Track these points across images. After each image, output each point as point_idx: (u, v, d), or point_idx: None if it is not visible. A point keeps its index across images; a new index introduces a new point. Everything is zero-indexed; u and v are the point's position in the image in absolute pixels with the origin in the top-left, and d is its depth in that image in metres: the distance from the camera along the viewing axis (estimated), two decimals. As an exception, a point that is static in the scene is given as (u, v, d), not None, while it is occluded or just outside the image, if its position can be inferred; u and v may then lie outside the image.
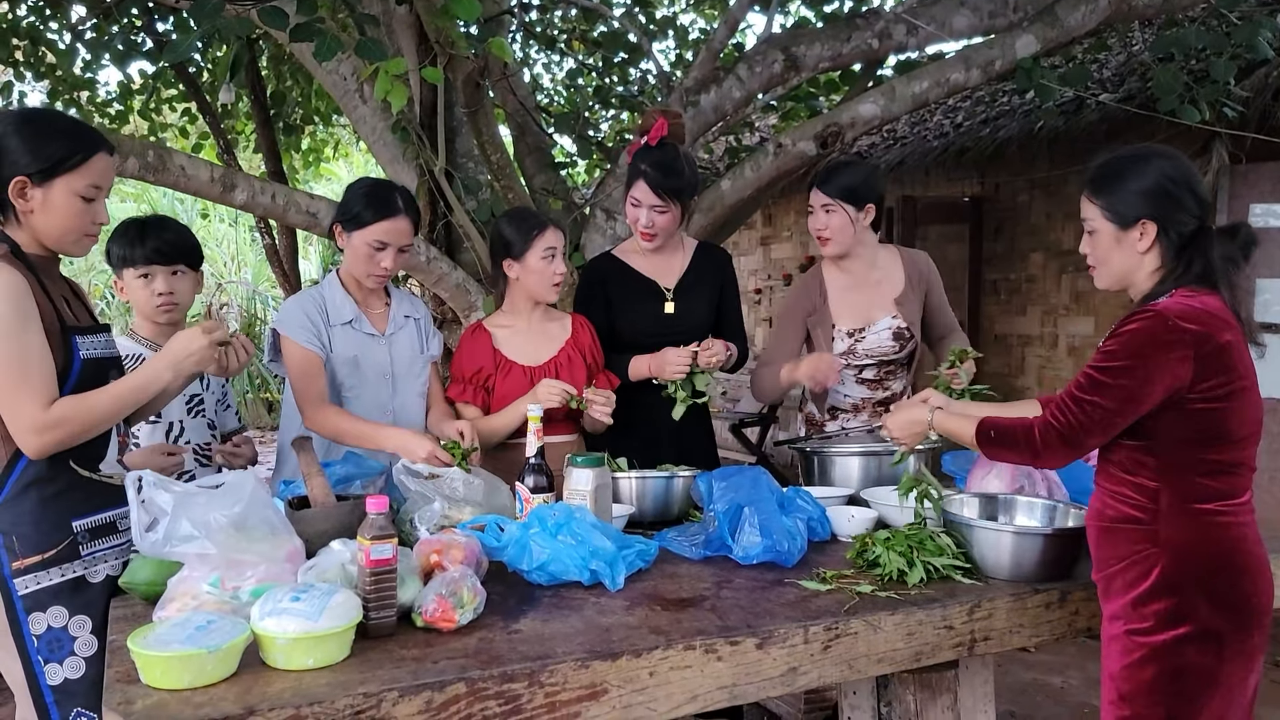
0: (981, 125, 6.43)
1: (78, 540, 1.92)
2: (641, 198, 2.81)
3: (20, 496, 1.88)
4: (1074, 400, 1.81)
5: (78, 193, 1.91)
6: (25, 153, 1.86)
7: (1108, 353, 1.78)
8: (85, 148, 1.91)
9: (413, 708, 1.48)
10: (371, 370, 2.65)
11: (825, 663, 1.79)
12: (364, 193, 2.58)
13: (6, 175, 1.86)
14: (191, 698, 1.43)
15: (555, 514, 2.04)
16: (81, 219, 1.93)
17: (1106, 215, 1.89)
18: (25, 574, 1.87)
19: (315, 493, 2.08)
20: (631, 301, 2.92)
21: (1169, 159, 1.86)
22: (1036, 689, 3.86)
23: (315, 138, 8.16)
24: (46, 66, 6.18)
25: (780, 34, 4.29)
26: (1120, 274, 1.91)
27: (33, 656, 1.88)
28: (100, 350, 1.99)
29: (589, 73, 6.52)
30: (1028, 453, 1.89)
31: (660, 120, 2.84)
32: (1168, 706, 1.76)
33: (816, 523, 2.28)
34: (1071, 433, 1.80)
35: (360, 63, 3.68)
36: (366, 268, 2.59)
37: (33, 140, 1.87)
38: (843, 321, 2.96)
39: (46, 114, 2.01)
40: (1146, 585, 1.78)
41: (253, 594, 1.66)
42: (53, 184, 1.88)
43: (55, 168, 1.88)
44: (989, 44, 4.13)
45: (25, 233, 1.92)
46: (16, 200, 1.88)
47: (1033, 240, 6.49)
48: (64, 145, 1.89)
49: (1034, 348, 6.54)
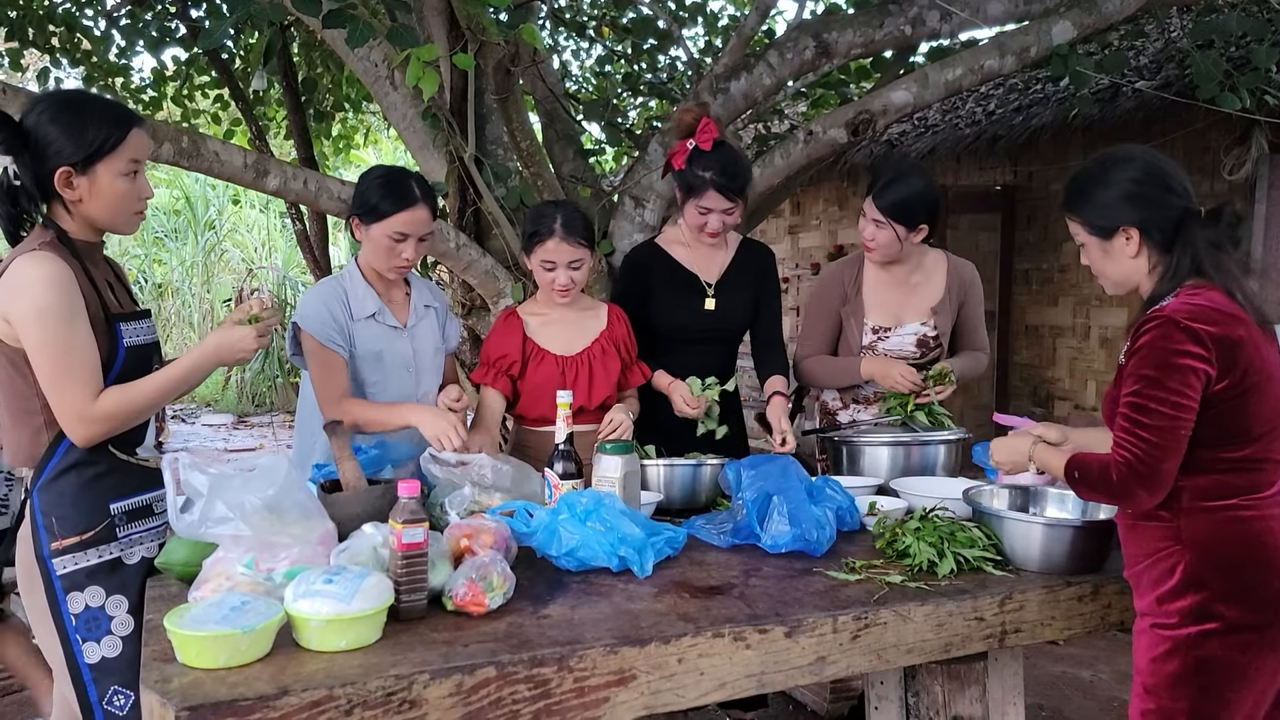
0: (1015, 113, 6.35)
1: (115, 522, 1.95)
2: (713, 205, 2.77)
3: (60, 479, 1.91)
4: (1129, 434, 1.75)
5: (120, 173, 1.93)
6: (64, 142, 1.88)
7: (1134, 375, 1.76)
8: (120, 127, 1.92)
9: (443, 690, 1.49)
10: (395, 363, 2.61)
11: (854, 652, 1.79)
12: (380, 183, 2.50)
13: (50, 168, 1.88)
14: (226, 677, 1.45)
15: (584, 500, 2.04)
16: (129, 198, 1.96)
17: (1087, 230, 1.89)
18: (64, 554, 1.90)
19: (347, 476, 2.10)
20: (671, 294, 2.90)
21: (1133, 160, 1.85)
22: (1065, 682, 3.83)
23: (346, 124, 8.20)
24: (82, 53, 6.24)
25: (811, 20, 4.25)
26: (1120, 280, 1.91)
27: (71, 635, 1.92)
28: (143, 337, 2.02)
29: (618, 60, 6.50)
30: (1108, 494, 1.82)
31: (706, 120, 2.80)
32: (1191, 700, 1.75)
33: (845, 512, 2.27)
34: (1141, 465, 1.73)
35: (391, 49, 3.68)
36: (388, 260, 2.52)
37: (70, 129, 1.88)
38: (872, 317, 2.94)
39: (76, 99, 2.02)
40: (1171, 583, 1.77)
41: (286, 576, 1.68)
42: (96, 169, 1.90)
43: (96, 153, 1.89)
44: (1024, 30, 4.07)
45: (72, 220, 1.94)
46: (63, 190, 1.90)
47: (1065, 230, 6.31)
48: (100, 129, 1.90)
49: (1065, 339, 6.47)
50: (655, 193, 4.08)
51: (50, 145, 1.87)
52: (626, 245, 4.07)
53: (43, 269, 1.82)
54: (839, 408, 3.04)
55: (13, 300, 1.83)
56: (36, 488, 1.91)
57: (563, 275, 2.64)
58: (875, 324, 2.93)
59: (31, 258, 1.84)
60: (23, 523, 1.95)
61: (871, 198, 2.82)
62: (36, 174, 1.88)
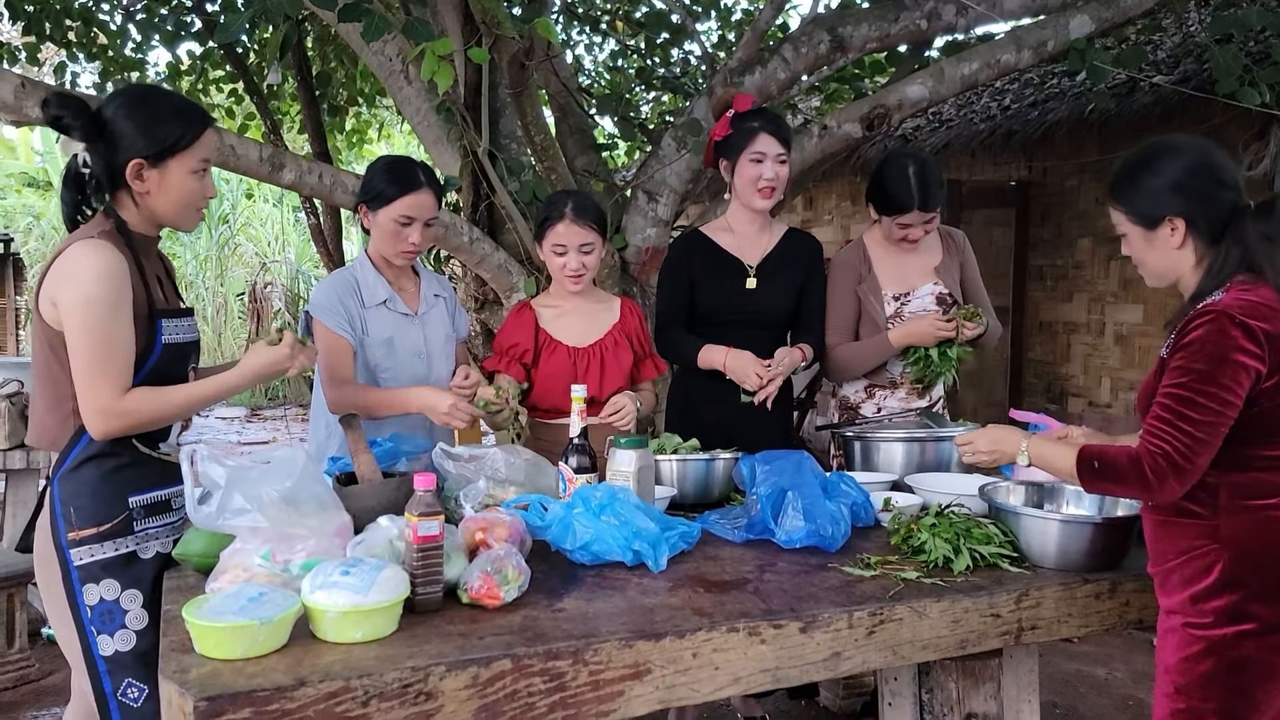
0: (1030, 108, 6.32)
1: (133, 516, 1.96)
2: (766, 149, 2.82)
3: (81, 469, 1.92)
4: (1168, 424, 1.72)
5: (190, 170, 1.97)
6: (139, 135, 1.92)
7: (1181, 367, 1.73)
8: (195, 126, 1.97)
9: (459, 682, 1.49)
10: (406, 350, 2.65)
11: (869, 648, 1.79)
12: (385, 170, 2.57)
13: (123, 159, 1.92)
14: (244, 668, 1.45)
15: (598, 494, 2.04)
16: (195, 195, 2.01)
17: (1131, 219, 1.86)
18: (80, 545, 1.92)
19: (363, 469, 2.11)
20: (714, 276, 2.92)
21: (1185, 150, 1.82)
22: (1080, 680, 3.82)
23: (360, 119, 8.22)
24: (99, 48, 6.27)
25: (826, 14, 4.24)
26: (1161, 272, 1.88)
27: (86, 626, 1.93)
28: (183, 335, 2.05)
29: (631, 54, 6.50)
30: (1137, 485, 1.76)
31: (740, 94, 2.94)
32: (1223, 700, 1.73)
33: (860, 508, 2.27)
34: (1180, 457, 1.70)
35: (406, 44, 3.68)
36: (395, 245, 2.58)
37: (146, 123, 1.93)
38: (888, 286, 2.99)
39: (155, 94, 2.07)
40: (1207, 582, 1.74)
41: (303, 567, 1.69)
42: (168, 164, 1.95)
43: (170, 148, 1.94)
44: (1041, 24, 4.05)
45: (136, 212, 1.98)
46: (133, 182, 1.94)
47: (1081, 226, 6.38)
48: (176, 126, 1.95)
49: (1080, 335, 6.44)
50: (668, 187, 4.08)
51: (126, 137, 1.91)
52: (639, 240, 4.07)
53: (98, 258, 1.85)
54: (861, 400, 3.04)
55: (63, 285, 1.85)
56: (57, 476, 1.93)
57: (574, 259, 2.66)
58: (894, 291, 2.99)
59: (89, 245, 1.86)
60: (41, 511, 1.97)
61: (918, 209, 2.87)
62: (109, 163, 1.92)
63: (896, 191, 2.87)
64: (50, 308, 1.88)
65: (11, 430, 3.87)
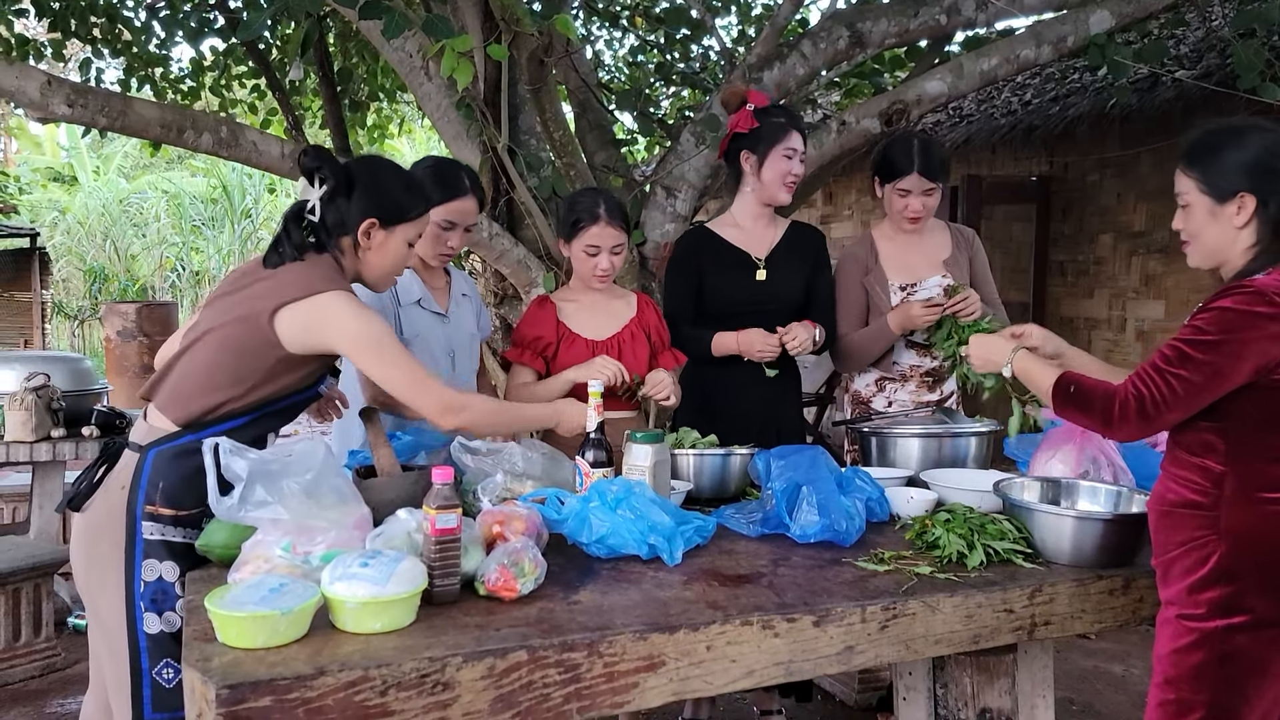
0: (1051, 103, 6.28)
1: (206, 515, 1.98)
2: (797, 146, 2.90)
3: (183, 457, 1.97)
4: (1157, 372, 1.76)
5: (409, 240, 2.13)
6: (382, 197, 2.08)
7: (1197, 326, 1.74)
8: (423, 203, 2.19)
9: (476, 673, 1.52)
10: (436, 348, 2.68)
11: (882, 642, 1.80)
12: (431, 172, 2.58)
13: (359, 216, 2.07)
14: (265, 657, 1.48)
15: (615, 488, 2.06)
16: (403, 262, 2.19)
17: (1202, 188, 1.83)
18: (155, 520, 1.96)
19: (382, 463, 2.13)
20: (722, 270, 2.94)
21: (1271, 131, 1.81)
22: (1096, 676, 3.81)
23: (380, 115, 8.26)
24: (123, 44, 6.34)
25: (846, 9, 4.23)
26: (1213, 249, 1.86)
27: (136, 600, 1.95)
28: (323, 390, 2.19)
29: (650, 49, 6.50)
30: (1099, 419, 1.83)
31: (752, 91, 2.99)
32: (1212, 693, 1.74)
33: (875, 503, 2.27)
34: (1151, 405, 1.75)
35: (426, 40, 3.71)
36: (434, 247, 2.61)
37: (390, 189, 2.10)
38: (895, 278, 3.01)
39: (397, 167, 2.23)
40: (1203, 572, 1.75)
41: (323, 559, 1.71)
42: (395, 230, 2.10)
43: (402, 216, 2.11)
44: (1061, 19, 4.02)
45: (349, 262, 2.11)
46: (362, 239, 2.08)
47: (1102, 221, 6.34)
48: (411, 197, 2.15)
49: (1101, 331, 6.40)
50: (687, 183, 4.09)
51: (371, 196, 2.08)
52: (658, 235, 4.08)
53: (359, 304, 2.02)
54: (872, 394, 3.05)
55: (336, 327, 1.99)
56: (157, 450, 1.97)
57: (605, 260, 2.71)
58: (900, 282, 3.01)
59: (346, 296, 2.01)
60: (113, 476, 2.00)
61: (918, 172, 2.91)
62: (344, 217, 2.07)
63: (897, 156, 2.94)
64: (301, 332, 1.98)
65: (39, 423, 3.92)
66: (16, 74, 3.21)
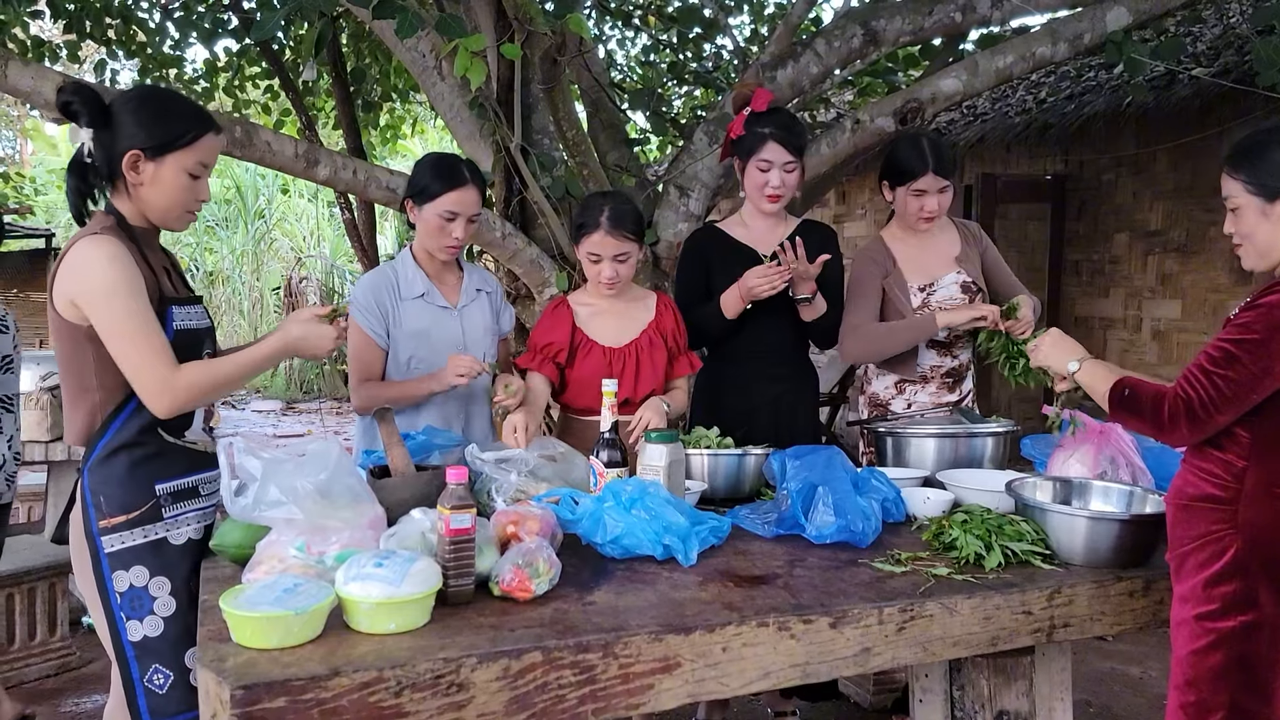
0: (1066, 101, 6.24)
1: (160, 503, 1.99)
2: (773, 158, 2.84)
3: (109, 459, 1.96)
4: (1204, 373, 1.74)
5: (186, 169, 2.00)
6: (141, 128, 1.96)
7: (1243, 325, 1.73)
8: (196, 127, 2.01)
9: (490, 674, 1.51)
10: (443, 342, 2.68)
11: (899, 644, 1.78)
12: (431, 166, 2.63)
13: (122, 149, 1.95)
14: (280, 657, 1.48)
15: (629, 489, 2.05)
16: (187, 195, 2.03)
17: (1250, 189, 1.82)
18: (111, 533, 1.96)
19: (396, 462, 2.13)
20: (729, 267, 2.91)
21: None
22: (1114, 679, 3.78)
23: (393, 114, 8.28)
24: (137, 45, 6.37)
25: (859, 7, 4.21)
26: (1267, 248, 1.84)
27: (115, 612, 1.96)
28: (194, 322, 2.07)
29: (663, 49, 6.49)
30: (1151, 423, 1.82)
31: (759, 90, 2.91)
32: (1233, 694, 1.72)
33: (891, 504, 2.26)
34: (1200, 407, 1.73)
35: (439, 39, 3.71)
36: (439, 240, 2.62)
37: (149, 117, 1.97)
38: (913, 279, 3.00)
39: (162, 93, 2.13)
40: (1219, 566, 1.74)
41: (337, 559, 1.71)
42: (164, 160, 1.98)
43: (168, 144, 1.97)
44: (1077, 17, 3.99)
45: (131, 205, 2.01)
46: (129, 173, 1.97)
47: (1118, 220, 6.30)
48: (177, 123, 1.98)
49: (1116, 330, 6.36)
50: (700, 182, 4.08)
51: (128, 127, 1.95)
52: (671, 235, 4.07)
53: (106, 249, 1.89)
54: (891, 396, 3.02)
55: (80, 280, 1.89)
56: (87, 467, 1.97)
57: (608, 268, 2.67)
58: (919, 283, 2.99)
59: (93, 240, 1.90)
60: (74, 503, 2.01)
61: (932, 171, 2.88)
62: (109, 152, 1.96)
63: (908, 158, 2.89)
64: (69, 306, 1.92)
65: (54, 422, 3.95)
66: (33, 75, 3.23)
